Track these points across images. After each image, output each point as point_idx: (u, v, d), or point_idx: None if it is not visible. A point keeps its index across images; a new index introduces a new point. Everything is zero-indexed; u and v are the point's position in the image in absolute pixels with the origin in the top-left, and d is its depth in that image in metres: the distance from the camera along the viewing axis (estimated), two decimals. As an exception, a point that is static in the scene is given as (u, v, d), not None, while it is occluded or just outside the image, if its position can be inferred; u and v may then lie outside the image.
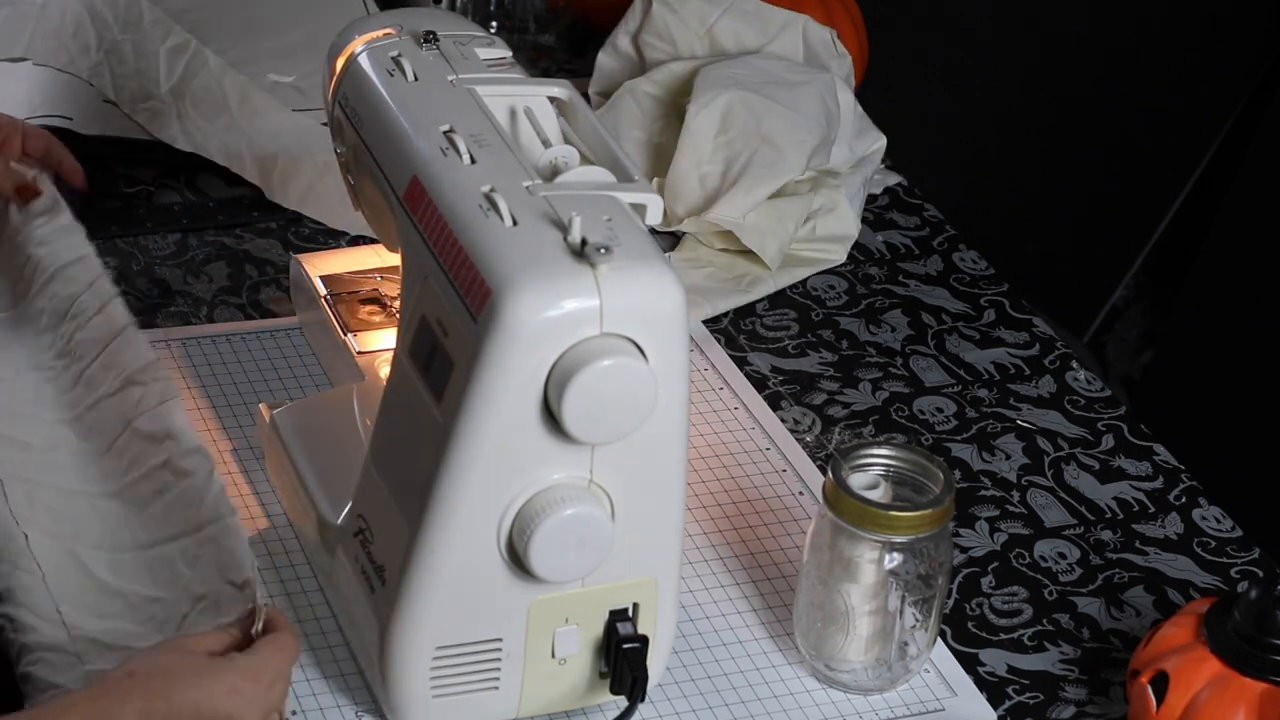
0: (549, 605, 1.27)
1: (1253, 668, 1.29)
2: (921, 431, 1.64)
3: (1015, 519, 1.56)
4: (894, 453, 1.37)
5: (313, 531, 1.39)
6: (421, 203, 1.28)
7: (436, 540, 1.23)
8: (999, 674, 1.42)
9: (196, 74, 1.87)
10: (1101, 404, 1.69)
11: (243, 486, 1.48)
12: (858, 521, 1.32)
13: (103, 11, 1.88)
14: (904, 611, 1.35)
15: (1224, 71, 2.82)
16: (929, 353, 1.73)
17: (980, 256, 1.86)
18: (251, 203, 1.81)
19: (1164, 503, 1.59)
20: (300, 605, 1.39)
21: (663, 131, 1.86)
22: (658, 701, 1.36)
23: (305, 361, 1.61)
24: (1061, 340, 1.76)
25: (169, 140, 1.81)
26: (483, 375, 1.19)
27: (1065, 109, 2.96)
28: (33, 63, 1.84)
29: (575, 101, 1.38)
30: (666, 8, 1.92)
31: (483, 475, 1.22)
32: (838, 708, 1.37)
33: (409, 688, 1.28)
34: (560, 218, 1.23)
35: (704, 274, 1.77)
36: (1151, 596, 1.49)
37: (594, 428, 1.20)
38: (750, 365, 1.69)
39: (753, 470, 1.57)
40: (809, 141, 1.79)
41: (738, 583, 1.46)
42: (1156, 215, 2.87)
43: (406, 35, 1.41)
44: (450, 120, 1.32)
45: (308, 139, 1.83)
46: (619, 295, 1.20)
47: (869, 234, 1.87)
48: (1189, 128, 2.84)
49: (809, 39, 1.92)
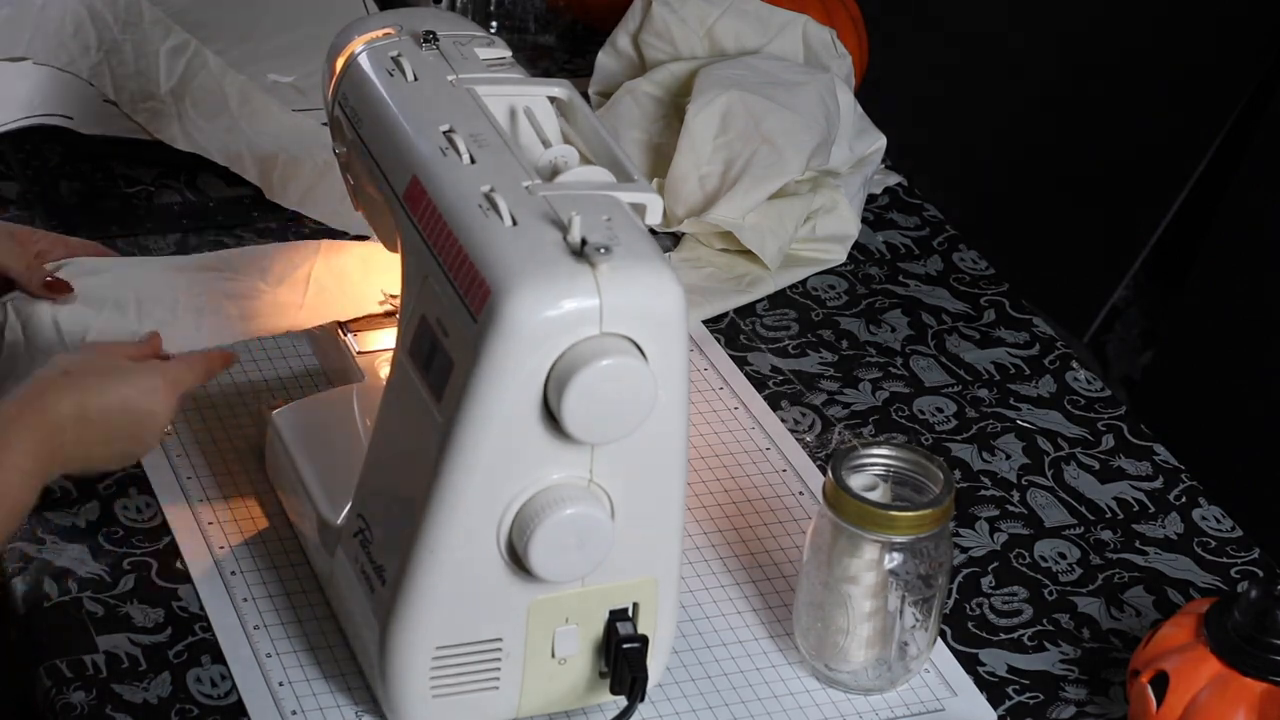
0: (549, 605, 1.27)
1: (1253, 668, 1.29)
2: (921, 431, 1.64)
3: (1015, 519, 1.56)
4: (894, 453, 1.37)
5: (313, 531, 1.39)
6: (421, 203, 1.28)
7: (436, 540, 1.23)
8: (999, 674, 1.42)
9: (196, 74, 1.87)
10: (1101, 404, 1.69)
11: (243, 486, 1.48)
12: (858, 521, 1.32)
13: (103, 11, 1.88)
14: (904, 611, 1.35)
15: (1224, 71, 2.82)
16: (929, 353, 1.73)
17: (980, 256, 1.86)
18: (251, 203, 1.81)
19: (1164, 503, 1.59)
20: (300, 605, 1.39)
21: (663, 132, 1.86)
22: (658, 701, 1.36)
23: (305, 361, 1.61)
24: (1061, 340, 1.76)
25: (169, 140, 1.81)
26: (483, 375, 1.19)
27: (1065, 109, 2.96)
28: (33, 62, 1.84)
29: (575, 101, 1.38)
30: (666, 8, 1.92)
31: (483, 475, 1.22)
32: (838, 708, 1.37)
33: (409, 688, 1.28)
34: (560, 218, 1.23)
35: (704, 274, 1.77)
36: (1151, 596, 1.49)
37: (594, 428, 1.20)
38: (750, 365, 1.69)
39: (753, 470, 1.57)
40: (809, 142, 1.79)
41: (738, 583, 1.46)
42: (1156, 215, 2.87)
43: (406, 35, 1.41)
44: (450, 120, 1.32)
45: (308, 139, 1.83)
46: (619, 295, 1.20)
47: (869, 234, 1.87)
48: (1189, 128, 2.84)
49: (809, 39, 1.92)
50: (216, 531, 1.45)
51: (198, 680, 1.34)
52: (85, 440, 1.34)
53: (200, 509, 1.46)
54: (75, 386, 1.34)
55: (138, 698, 1.32)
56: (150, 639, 1.36)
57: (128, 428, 1.37)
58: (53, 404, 1.32)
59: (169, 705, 1.32)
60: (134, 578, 1.41)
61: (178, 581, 1.41)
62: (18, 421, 1.31)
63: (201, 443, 1.52)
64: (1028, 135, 3.00)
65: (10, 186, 1.80)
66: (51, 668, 1.33)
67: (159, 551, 1.43)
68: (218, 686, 1.33)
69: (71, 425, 1.33)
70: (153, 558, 1.43)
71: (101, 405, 1.35)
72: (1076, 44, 2.95)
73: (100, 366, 1.37)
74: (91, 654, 1.35)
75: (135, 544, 1.44)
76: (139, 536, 1.44)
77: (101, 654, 1.35)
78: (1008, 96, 3.02)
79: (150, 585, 1.41)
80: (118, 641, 1.36)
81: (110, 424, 1.36)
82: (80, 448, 1.34)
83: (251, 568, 1.42)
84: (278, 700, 1.32)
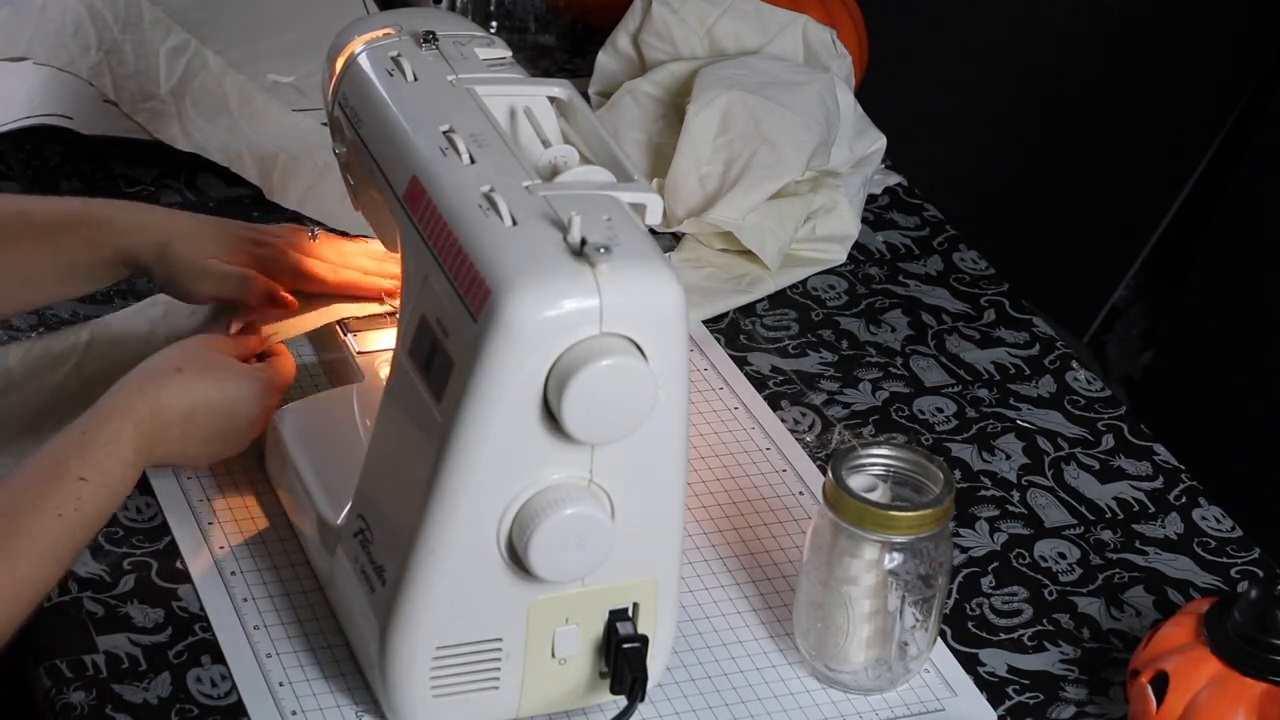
0: (549, 605, 1.27)
1: (1253, 668, 1.29)
2: (921, 431, 1.64)
3: (1015, 519, 1.56)
4: (894, 453, 1.37)
5: (313, 531, 1.39)
6: (421, 203, 1.28)
7: (436, 540, 1.23)
8: (999, 674, 1.42)
9: (196, 74, 1.87)
10: (1101, 404, 1.69)
11: (243, 486, 1.48)
12: (858, 521, 1.32)
13: (103, 11, 1.88)
14: (904, 611, 1.35)
15: (1224, 71, 2.82)
16: (929, 353, 1.73)
17: (980, 256, 1.86)
18: (251, 203, 1.81)
19: (1164, 503, 1.59)
20: (300, 605, 1.39)
21: (663, 132, 1.86)
22: (658, 701, 1.36)
23: (305, 362, 1.61)
24: (1061, 340, 1.76)
25: (169, 140, 1.81)
26: (483, 375, 1.19)
27: (1065, 109, 2.96)
28: (33, 62, 1.84)
29: (575, 101, 1.38)
30: (666, 8, 1.92)
31: (483, 475, 1.22)
32: (838, 708, 1.37)
33: (409, 688, 1.28)
34: (560, 217, 1.23)
35: (704, 274, 1.77)
36: (1151, 596, 1.49)
37: (594, 428, 1.20)
38: (750, 365, 1.69)
39: (753, 470, 1.57)
40: (809, 142, 1.79)
41: (738, 583, 1.46)
42: (1156, 215, 2.87)
43: (406, 35, 1.41)
44: (450, 120, 1.32)
45: (308, 139, 1.83)
46: (619, 295, 1.20)
47: (869, 234, 1.87)
48: (1189, 128, 2.84)
49: (809, 39, 1.92)
50: (216, 531, 1.45)
51: (198, 680, 1.34)
52: (188, 437, 1.38)
53: (200, 509, 1.46)
54: (189, 386, 1.38)
55: (138, 698, 1.32)
56: (150, 639, 1.36)
57: (228, 429, 1.41)
58: (167, 401, 1.36)
59: (169, 705, 1.32)
60: (134, 578, 1.41)
61: (178, 581, 1.41)
62: (130, 414, 1.34)
63: (201, 443, 1.52)
64: (1028, 135, 3.00)
65: (10, 186, 1.80)
66: (51, 668, 1.33)
67: (159, 551, 1.43)
68: (218, 686, 1.33)
69: (180, 423, 1.37)
70: (153, 558, 1.43)
71: (210, 407, 1.39)
72: (1077, 44, 2.95)
73: (214, 366, 1.40)
74: (91, 654, 1.35)
75: (135, 544, 1.44)
76: (139, 536, 1.44)
77: (101, 654, 1.35)
78: (1008, 96, 3.02)
79: (150, 585, 1.41)
80: (118, 641, 1.36)
81: (214, 425, 1.40)
82: (181, 444, 1.38)
83: (251, 568, 1.42)
84: (278, 700, 1.32)
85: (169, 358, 1.39)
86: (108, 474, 1.32)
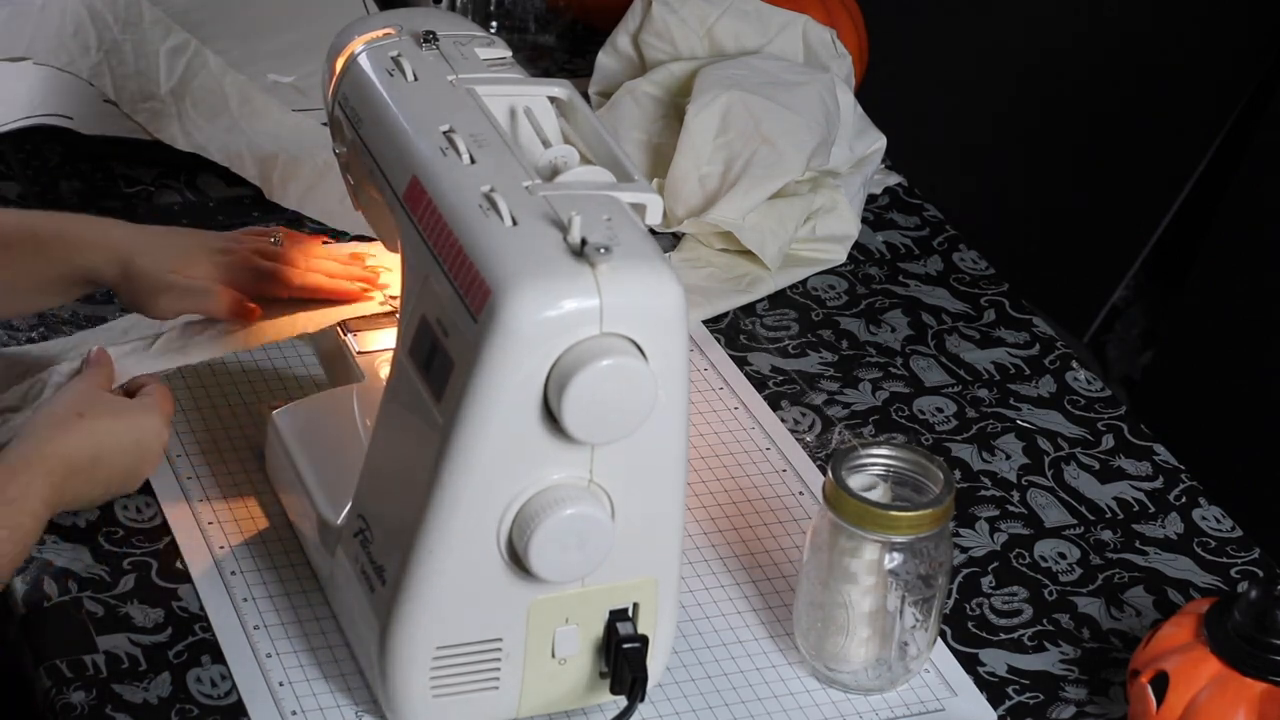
0: (549, 605, 1.27)
1: (1253, 668, 1.29)
2: (921, 431, 1.64)
3: (1015, 519, 1.56)
4: (894, 453, 1.37)
5: (313, 531, 1.39)
6: (421, 203, 1.28)
7: (436, 540, 1.23)
8: (999, 674, 1.42)
9: (196, 74, 1.87)
10: (1101, 404, 1.69)
11: (243, 486, 1.48)
12: (858, 521, 1.32)
13: (103, 11, 1.88)
14: (904, 611, 1.35)
15: (1224, 71, 2.82)
16: (929, 353, 1.73)
17: (980, 256, 1.86)
18: (251, 203, 1.81)
19: (1164, 503, 1.59)
20: (300, 605, 1.39)
21: (663, 132, 1.86)
22: (658, 701, 1.36)
23: (305, 361, 1.61)
24: (1061, 340, 1.76)
25: (169, 140, 1.81)
26: (483, 375, 1.19)
27: (1065, 109, 2.96)
28: (33, 62, 1.84)
29: (575, 101, 1.38)
30: (666, 8, 1.92)
31: (483, 475, 1.22)
32: (838, 708, 1.37)
33: (409, 688, 1.28)
34: (560, 217, 1.23)
35: (704, 274, 1.77)
36: (1151, 596, 1.49)
37: (594, 428, 1.20)
38: (750, 365, 1.69)
39: (753, 470, 1.57)
40: (809, 142, 1.79)
41: (738, 583, 1.46)
42: (1156, 215, 2.87)
43: (406, 35, 1.41)
44: (450, 120, 1.32)
45: (308, 139, 1.83)
46: (619, 295, 1.20)
47: (869, 234, 1.87)
48: (1189, 128, 2.84)
49: (809, 39, 1.92)
50: (216, 531, 1.45)
51: (198, 680, 1.34)
52: (94, 480, 1.39)
53: (200, 509, 1.46)
54: (91, 430, 1.38)
55: (138, 698, 1.32)
56: (150, 639, 1.36)
57: (134, 466, 1.42)
58: (74, 447, 1.37)
59: (169, 705, 1.32)
60: (134, 578, 1.41)
61: (178, 581, 1.41)
62: (39, 465, 1.35)
63: (201, 443, 1.52)
64: (1028, 135, 3.00)
65: (10, 186, 1.80)
66: (51, 668, 1.33)
67: (159, 551, 1.43)
68: (218, 686, 1.33)
69: (87, 467, 1.38)
70: (153, 558, 1.43)
71: (118, 447, 1.40)
72: (1077, 44, 2.95)
73: (114, 406, 1.41)
74: (91, 654, 1.34)
75: (135, 544, 1.44)
76: (139, 536, 1.44)
77: (101, 654, 1.35)
78: (1008, 96, 3.02)
79: (150, 585, 1.41)
80: (118, 641, 1.36)
81: (122, 464, 1.40)
82: (88, 487, 1.39)
83: (251, 568, 1.42)
84: (278, 700, 1.32)
85: (65, 404, 1.39)
86: (19, 528, 1.33)
